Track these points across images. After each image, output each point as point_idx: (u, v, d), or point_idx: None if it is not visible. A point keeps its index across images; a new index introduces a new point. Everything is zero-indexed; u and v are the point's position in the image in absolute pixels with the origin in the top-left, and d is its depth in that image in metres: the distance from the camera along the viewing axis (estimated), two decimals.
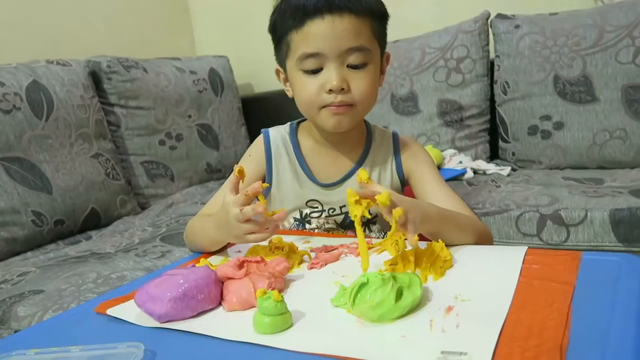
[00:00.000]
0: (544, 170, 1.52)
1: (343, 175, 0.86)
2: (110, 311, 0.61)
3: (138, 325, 0.57)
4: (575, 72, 1.46)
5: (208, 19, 2.55)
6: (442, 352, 0.43)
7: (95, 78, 1.73)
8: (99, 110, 1.67)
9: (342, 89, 0.76)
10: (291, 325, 0.52)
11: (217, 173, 2.03)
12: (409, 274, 0.56)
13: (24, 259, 1.29)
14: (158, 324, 0.57)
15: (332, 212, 0.87)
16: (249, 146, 0.93)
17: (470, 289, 0.55)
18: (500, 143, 1.67)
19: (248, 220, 0.68)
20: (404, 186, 0.91)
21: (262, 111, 2.24)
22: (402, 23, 1.95)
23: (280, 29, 0.80)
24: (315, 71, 0.77)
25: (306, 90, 0.79)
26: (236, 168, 0.70)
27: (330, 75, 0.76)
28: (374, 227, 0.90)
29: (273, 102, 2.25)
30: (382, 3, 0.81)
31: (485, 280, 0.58)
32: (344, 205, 0.86)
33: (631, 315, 0.47)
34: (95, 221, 1.53)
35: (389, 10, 0.81)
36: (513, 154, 1.62)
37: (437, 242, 0.65)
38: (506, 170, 1.55)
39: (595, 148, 1.44)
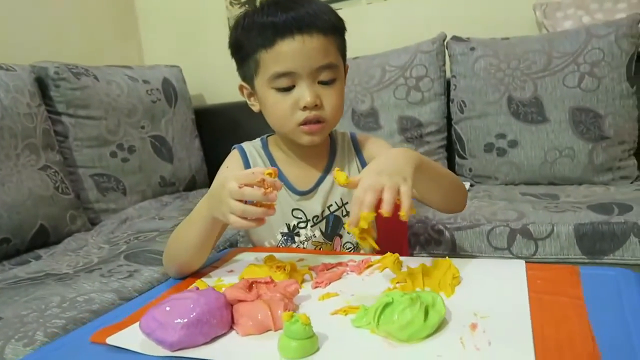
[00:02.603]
0: (500, 186, 1.60)
1: (315, 182, 0.89)
2: (111, 340, 0.56)
3: (144, 354, 0.53)
4: (527, 94, 1.56)
5: (156, 27, 2.47)
6: None
7: (42, 85, 1.62)
8: (45, 120, 1.56)
9: (316, 105, 0.79)
10: (318, 349, 0.51)
11: (171, 186, 1.94)
12: (430, 292, 0.57)
13: None
14: (168, 353, 0.53)
15: (317, 219, 0.88)
16: (202, 159, 0.92)
17: (485, 305, 0.56)
18: (457, 159, 1.73)
19: (241, 202, 0.65)
20: None
21: (215, 123, 2.18)
22: (360, 39, 1.99)
23: (247, 47, 0.81)
24: (288, 89, 0.80)
25: (280, 107, 0.81)
26: (266, 171, 0.65)
27: (304, 93, 0.79)
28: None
29: (226, 113, 2.20)
30: (341, 19, 0.85)
31: (496, 296, 0.59)
32: (324, 210, 0.88)
33: None
34: (43, 239, 1.41)
35: (348, 25, 0.85)
36: (470, 170, 1.69)
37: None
38: (466, 185, 1.60)
39: (547, 165, 1.53)
